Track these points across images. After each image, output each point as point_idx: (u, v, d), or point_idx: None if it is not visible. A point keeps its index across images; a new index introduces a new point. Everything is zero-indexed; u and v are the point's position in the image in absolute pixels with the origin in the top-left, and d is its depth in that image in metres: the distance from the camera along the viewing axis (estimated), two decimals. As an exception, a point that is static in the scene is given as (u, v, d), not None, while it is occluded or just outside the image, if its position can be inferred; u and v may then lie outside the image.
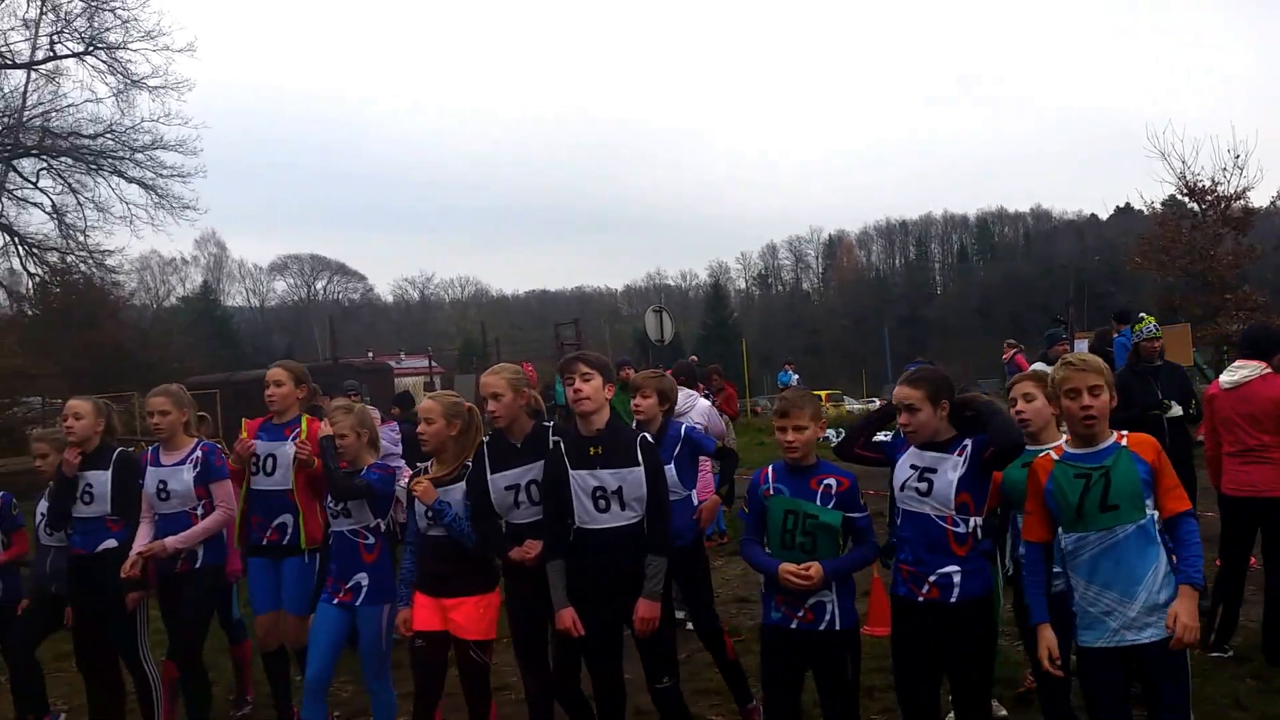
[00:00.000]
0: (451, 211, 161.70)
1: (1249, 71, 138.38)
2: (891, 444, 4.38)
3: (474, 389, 31.93)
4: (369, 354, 50.88)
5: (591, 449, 4.52)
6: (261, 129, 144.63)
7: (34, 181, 30.30)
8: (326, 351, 47.30)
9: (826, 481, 4.27)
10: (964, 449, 4.08)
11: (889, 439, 4.54)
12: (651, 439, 4.80)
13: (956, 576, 4.01)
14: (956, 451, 4.09)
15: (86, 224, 30.71)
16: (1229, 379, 6.30)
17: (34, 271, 31.41)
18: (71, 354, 28.83)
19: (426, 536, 4.95)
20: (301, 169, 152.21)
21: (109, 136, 29.78)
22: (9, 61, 29.16)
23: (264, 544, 5.62)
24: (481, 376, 5.00)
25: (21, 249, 30.65)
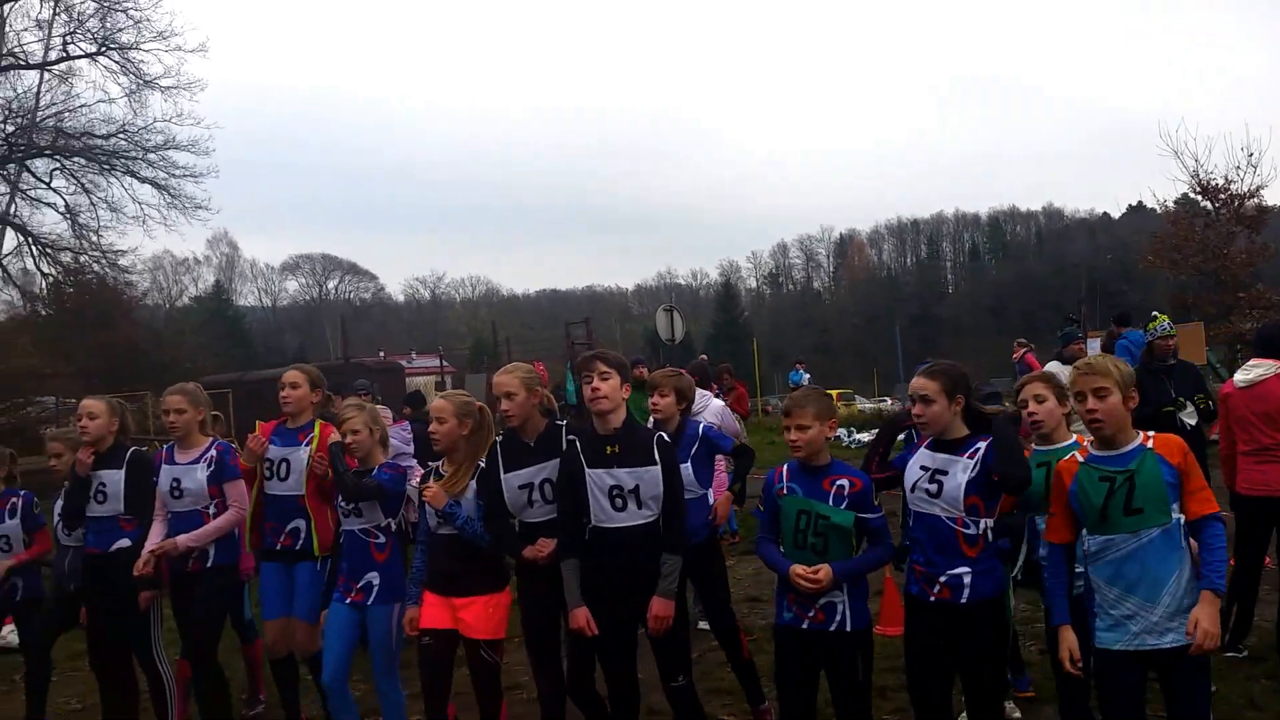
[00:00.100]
0: (462, 211, 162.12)
1: (1261, 71, 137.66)
2: (902, 456, 4.36)
3: (485, 388, 31.96)
4: (380, 353, 50.97)
5: (608, 448, 4.52)
6: (273, 129, 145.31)
7: (47, 182, 30.50)
8: (338, 351, 47.44)
9: (839, 482, 4.26)
10: (975, 451, 4.05)
11: (904, 442, 4.52)
12: (669, 438, 4.81)
13: (967, 577, 4.00)
14: (967, 454, 4.06)
15: (99, 224, 30.89)
16: (1244, 378, 6.27)
17: (47, 271, 31.60)
18: (85, 354, 28.98)
19: (438, 535, 4.96)
20: (313, 169, 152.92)
21: (122, 137, 29.92)
22: (22, 62, 29.33)
23: (277, 549, 5.62)
24: (494, 375, 5.00)
25: (35, 249, 30.82)
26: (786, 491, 4.35)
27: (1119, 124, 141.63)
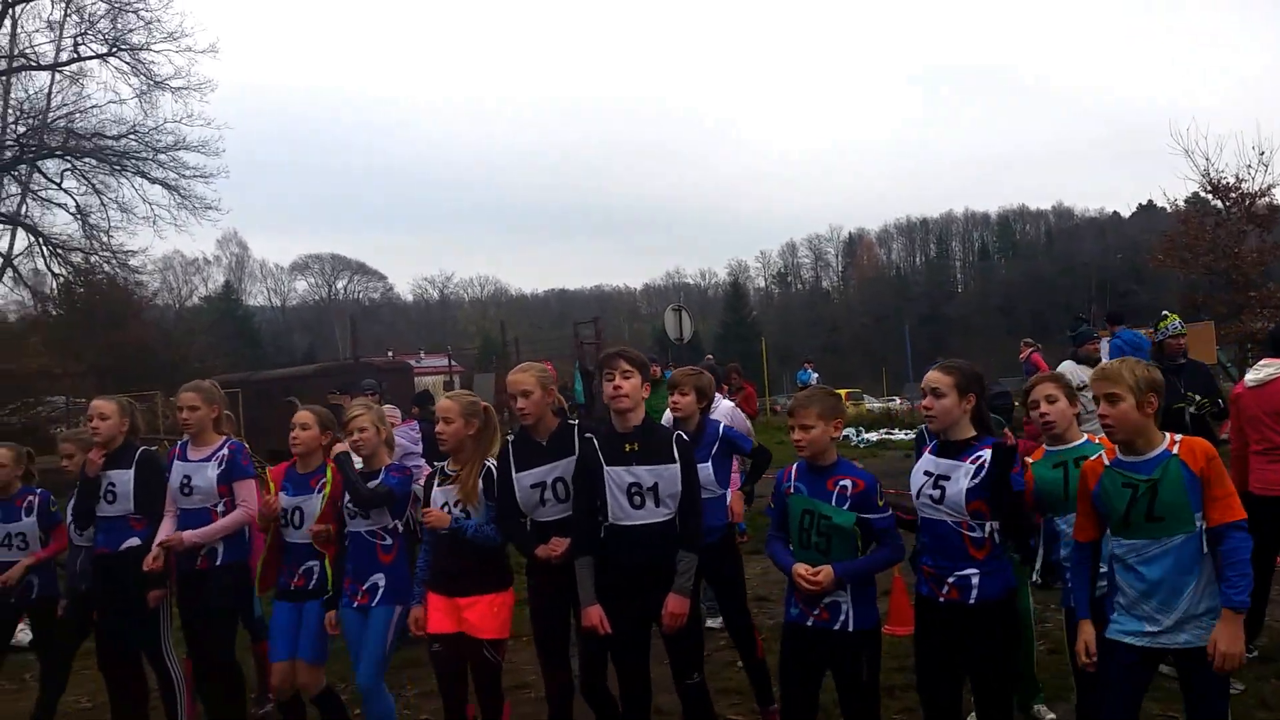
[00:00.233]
0: (471, 211, 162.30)
1: (1266, 71, 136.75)
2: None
3: (493, 388, 31.89)
4: (389, 353, 50.96)
5: (627, 445, 4.54)
6: (282, 129, 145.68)
7: (58, 182, 30.53)
8: (347, 351, 47.46)
9: (842, 482, 4.25)
10: (978, 458, 4.04)
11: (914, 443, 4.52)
12: (689, 436, 4.84)
13: (975, 578, 4.00)
14: (970, 459, 4.06)
15: (110, 224, 30.89)
16: (1254, 377, 6.26)
17: (58, 272, 31.61)
18: (95, 353, 29.10)
19: (441, 535, 4.96)
20: (322, 169, 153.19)
21: (132, 137, 29.94)
22: (34, 63, 29.39)
23: (290, 589, 5.52)
24: (510, 374, 4.99)
25: (46, 249, 30.86)
26: (793, 491, 4.36)
27: (1129, 123, 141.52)
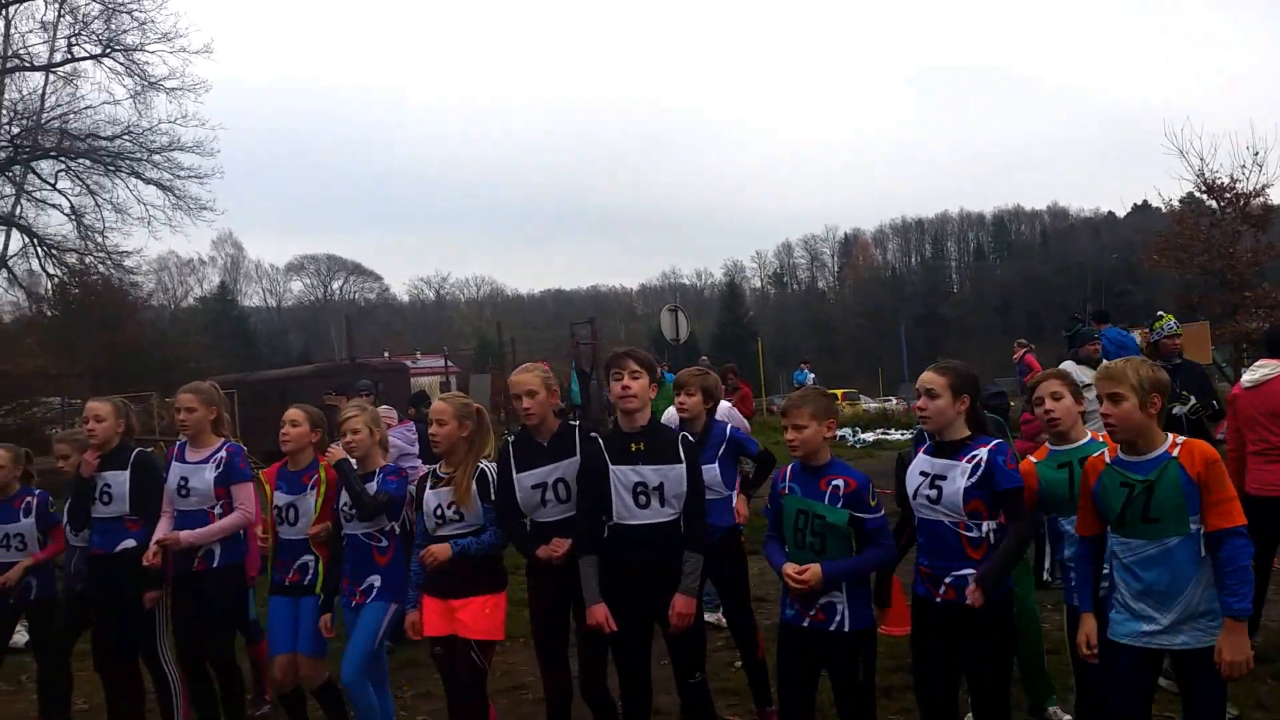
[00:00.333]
0: (467, 211, 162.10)
1: (1258, 70, 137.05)
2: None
3: (490, 389, 31.80)
4: (385, 354, 50.95)
5: (633, 445, 4.54)
6: (277, 130, 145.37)
7: (52, 183, 30.54)
8: (343, 351, 47.49)
9: (835, 482, 4.27)
10: (973, 457, 4.05)
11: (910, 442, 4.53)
12: (695, 437, 4.87)
13: (972, 579, 3.99)
14: (965, 458, 4.07)
15: (104, 225, 30.94)
16: (1251, 378, 6.27)
17: (53, 273, 31.63)
18: (91, 354, 29.02)
19: (435, 538, 4.95)
20: (317, 169, 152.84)
21: (127, 138, 30.00)
22: (27, 64, 29.39)
23: (286, 584, 5.54)
24: (513, 375, 4.99)
25: (40, 250, 30.88)
26: (788, 491, 4.39)
27: (1124, 123, 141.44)
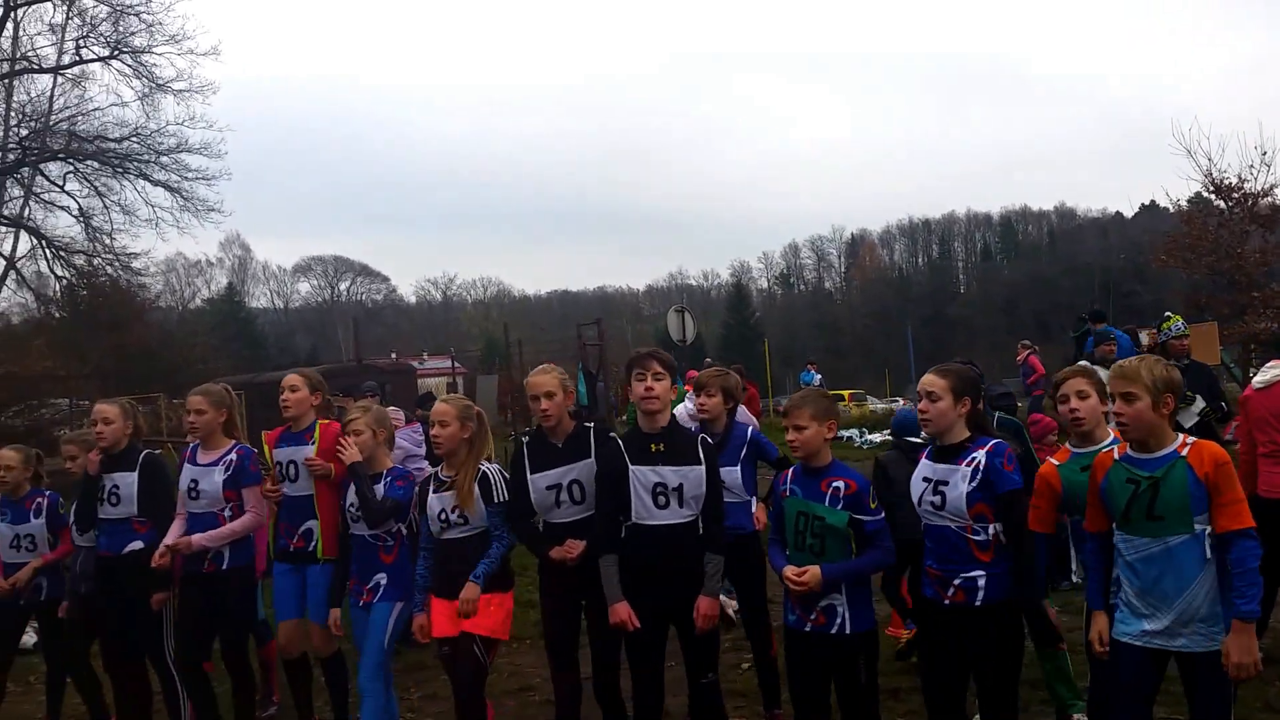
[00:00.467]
0: (473, 212, 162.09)
1: (1266, 68, 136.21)
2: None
3: (496, 390, 31.69)
4: (392, 355, 50.99)
5: (653, 445, 4.57)
6: (284, 131, 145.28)
7: (61, 185, 30.60)
8: (350, 353, 47.44)
9: (835, 484, 4.28)
10: (973, 460, 4.05)
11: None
12: (716, 438, 4.93)
13: (981, 580, 4.01)
14: (965, 462, 4.07)
15: (113, 227, 30.96)
16: (1262, 379, 6.23)
17: (61, 274, 31.65)
18: (99, 356, 29.07)
19: (441, 540, 4.96)
20: (324, 171, 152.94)
21: (134, 140, 30.01)
22: (36, 66, 29.47)
23: (290, 550, 5.63)
24: (531, 376, 5.01)
25: (49, 252, 30.93)
26: (789, 493, 4.41)
27: (1131, 123, 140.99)
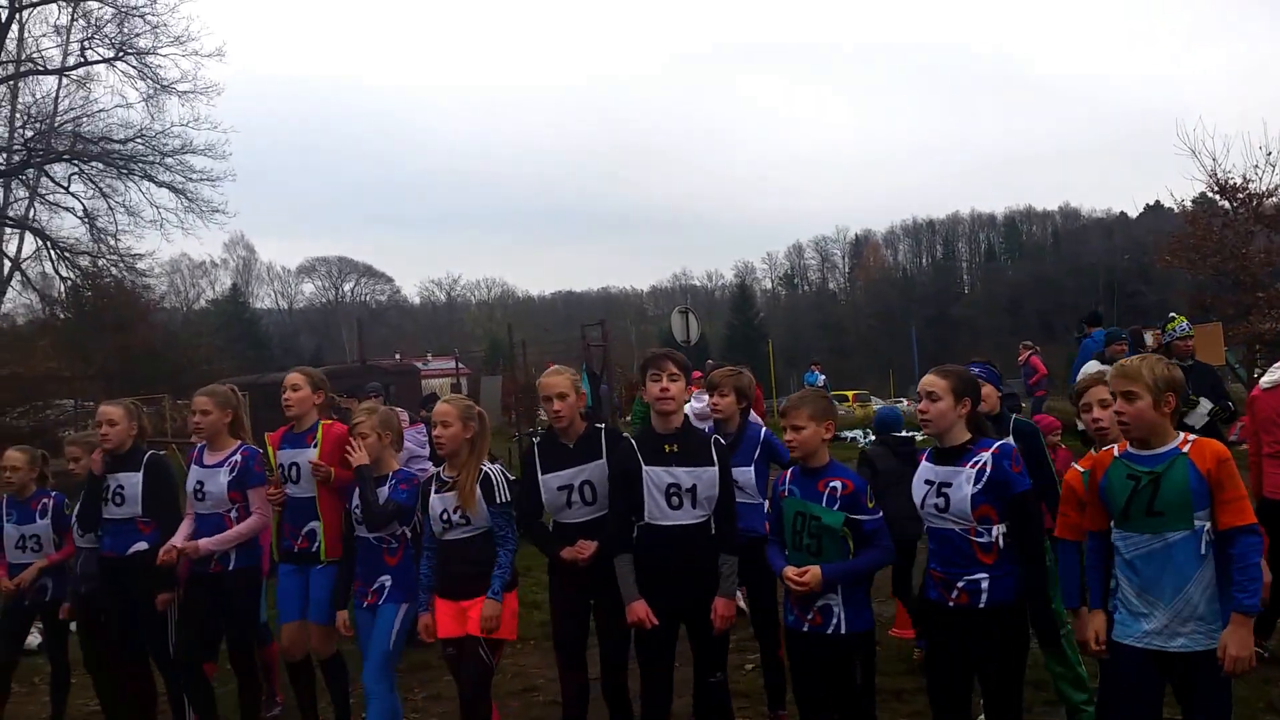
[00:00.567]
0: (477, 213, 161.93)
1: (1268, 69, 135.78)
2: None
3: (500, 391, 31.66)
4: (396, 355, 51.02)
5: (667, 446, 4.59)
6: (288, 132, 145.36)
7: (65, 186, 30.76)
8: (354, 353, 47.51)
9: (832, 484, 4.30)
10: (977, 462, 4.05)
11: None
12: (729, 438, 4.97)
13: (985, 582, 4.00)
14: (969, 464, 4.06)
15: (117, 228, 31.16)
16: (1270, 379, 6.24)
17: (66, 275, 31.79)
18: (104, 357, 29.09)
19: (444, 541, 4.95)
20: (328, 172, 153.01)
21: (139, 141, 30.16)
22: (41, 68, 29.57)
23: (294, 551, 5.62)
24: (544, 377, 5.02)
25: (54, 253, 31.07)
26: (787, 494, 4.42)
27: (1136, 123, 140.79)
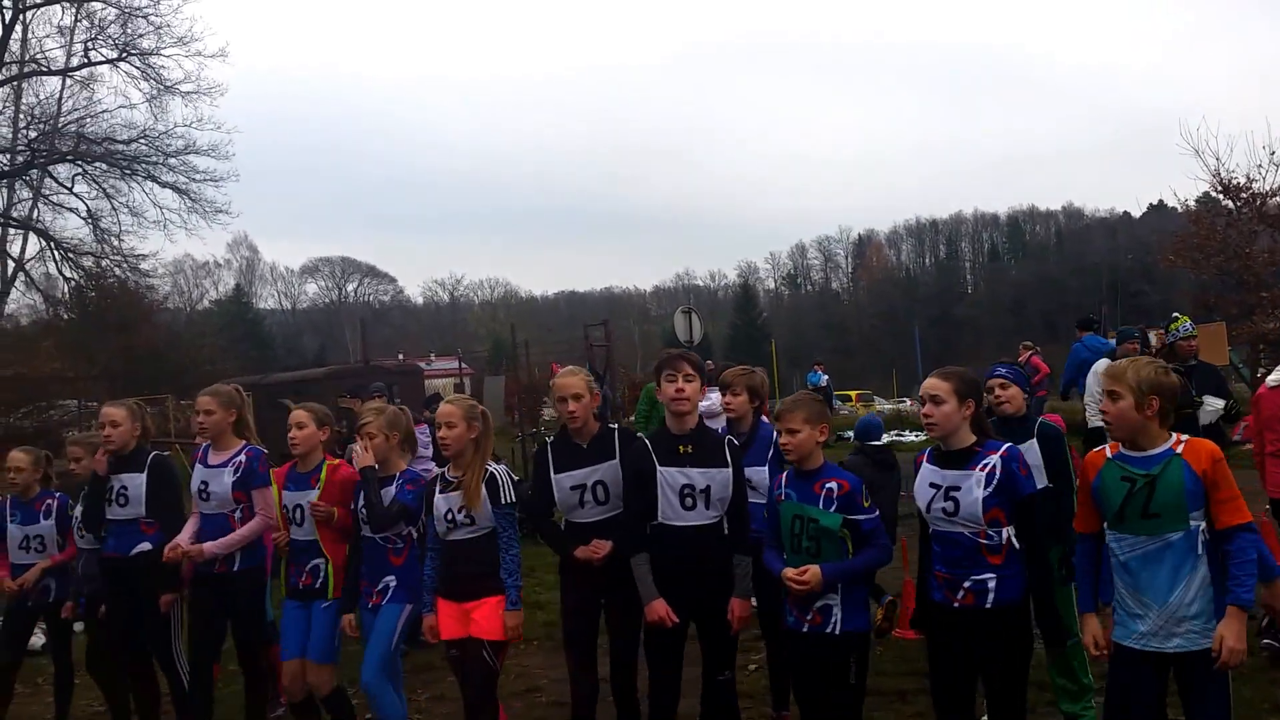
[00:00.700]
0: (480, 213, 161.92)
1: (1273, 68, 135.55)
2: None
3: (503, 391, 31.66)
4: (400, 356, 51.11)
5: (681, 447, 4.61)
6: (292, 132, 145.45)
7: (69, 187, 30.76)
8: (357, 353, 47.59)
9: (828, 485, 4.31)
10: (986, 465, 4.03)
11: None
12: (741, 438, 4.99)
13: (992, 583, 4.00)
14: (978, 467, 4.05)
15: (121, 228, 31.12)
16: (1275, 379, 6.24)
17: (69, 276, 31.80)
18: (107, 357, 29.13)
19: (447, 541, 4.95)
20: (331, 172, 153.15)
21: (143, 142, 30.14)
22: (45, 69, 29.60)
23: (300, 588, 5.49)
24: (558, 378, 5.01)
25: (57, 254, 31.07)
26: (784, 496, 4.43)
27: (1139, 123, 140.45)
